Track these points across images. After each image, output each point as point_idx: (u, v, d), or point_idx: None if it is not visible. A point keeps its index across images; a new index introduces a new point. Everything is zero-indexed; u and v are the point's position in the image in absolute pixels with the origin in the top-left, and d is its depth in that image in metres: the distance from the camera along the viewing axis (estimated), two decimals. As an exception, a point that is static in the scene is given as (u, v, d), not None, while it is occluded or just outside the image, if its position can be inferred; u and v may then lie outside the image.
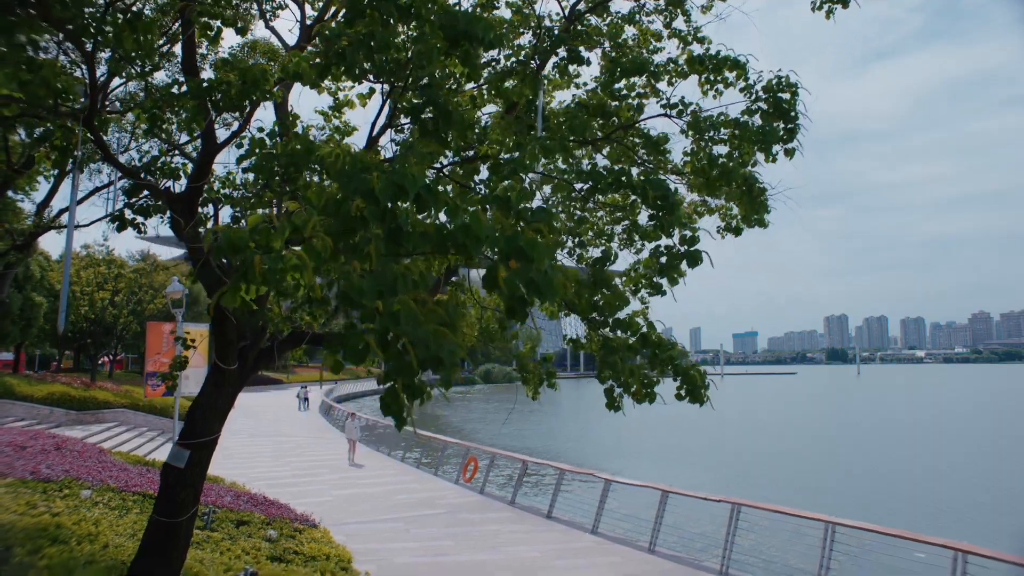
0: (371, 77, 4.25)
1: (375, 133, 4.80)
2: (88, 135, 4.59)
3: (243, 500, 11.20)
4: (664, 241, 4.98)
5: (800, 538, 11.35)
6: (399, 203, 2.42)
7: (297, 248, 2.48)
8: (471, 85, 5.25)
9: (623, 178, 4.36)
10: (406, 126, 4.88)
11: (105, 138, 10.67)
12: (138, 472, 11.47)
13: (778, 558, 12.28)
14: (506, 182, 3.64)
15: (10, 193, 12.96)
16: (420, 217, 2.54)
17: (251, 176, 6.11)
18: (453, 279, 6.43)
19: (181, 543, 5.23)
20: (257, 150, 3.51)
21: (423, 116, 3.79)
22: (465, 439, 25.96)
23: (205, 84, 4.10)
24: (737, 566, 11.50)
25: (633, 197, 6.32)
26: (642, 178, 4.44)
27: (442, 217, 2.56)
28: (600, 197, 6.70)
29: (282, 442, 29.90)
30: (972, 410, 65.55)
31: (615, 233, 6.36)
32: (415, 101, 3.88)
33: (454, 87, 4.67)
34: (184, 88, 4.31)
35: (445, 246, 2.52)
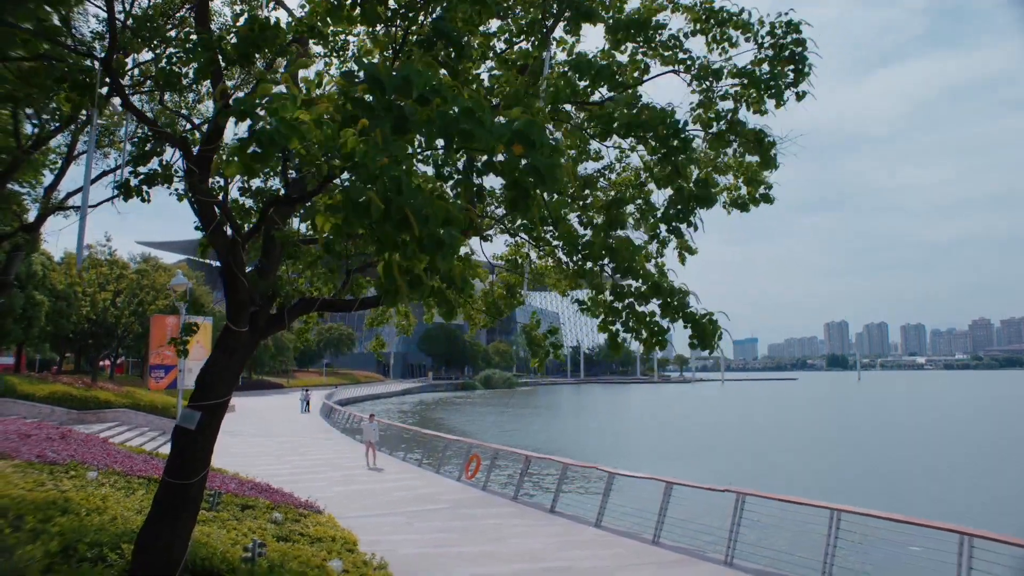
0: (386, 19, 4.27)
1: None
2: (107, 79, 4.62)
3: (247, 487, 11.19)
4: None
5: (805, 527, 11.31)
6: (404, 98, 2.42)
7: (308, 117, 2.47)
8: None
9: (634, 117, 4.38)
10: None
11: (110, 123, 10.72)
12: (143, 459, 11.47)
13: (783, 547, 12.22)
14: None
15: (16, 187, 12.98)
16: None
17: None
18: None
19: (191, 505, 5.24)
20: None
21: (435, 48, 3.79)
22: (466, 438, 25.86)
23: (216, 34, 4.12)
24: (742, 556, 11.47)
25: (645, 174, 6.36)
26: (654, 110, 4.46)
27: None
28: (611, 176, 6.72)
29: (283, 442, 29.88)
30: (972, 414, 65.45)
31: (628, 214, 6.35)
32: (428, 35, 3.88)
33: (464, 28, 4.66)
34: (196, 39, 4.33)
35: (450, 133, 2.48)
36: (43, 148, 10.40)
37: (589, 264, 4.77)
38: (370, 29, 5.04)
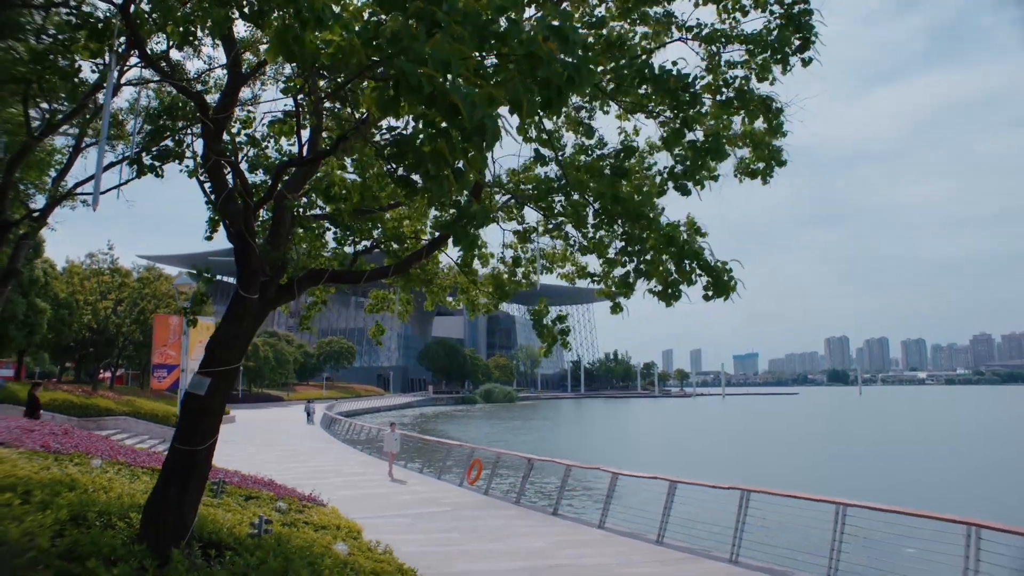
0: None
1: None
2: (124, 27, 4.67)
3: (250, 481, 11.17)
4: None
5: (811, 523, 11.24)
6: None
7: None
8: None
9: (646, 71, 4.44)
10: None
11: (117, 119, 10.81)
12: (146, 454, 11.45)
13: (789, 544, 12.15)
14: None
15: (20, 186, 13.06)
16: None
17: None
18: None
19: (200, 472, 5.23)
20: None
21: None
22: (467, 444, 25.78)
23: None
24: (747, 554, 11.40)
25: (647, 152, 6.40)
26: (664, 70, 4.52)
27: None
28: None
29: (285, 451, 29.83)
30: (975, 429, 65.20)
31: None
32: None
33: None
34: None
35: (485, 36, 2.54)
36: (49, 141, 10.50)
37: (600, 234, 4.80)
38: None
